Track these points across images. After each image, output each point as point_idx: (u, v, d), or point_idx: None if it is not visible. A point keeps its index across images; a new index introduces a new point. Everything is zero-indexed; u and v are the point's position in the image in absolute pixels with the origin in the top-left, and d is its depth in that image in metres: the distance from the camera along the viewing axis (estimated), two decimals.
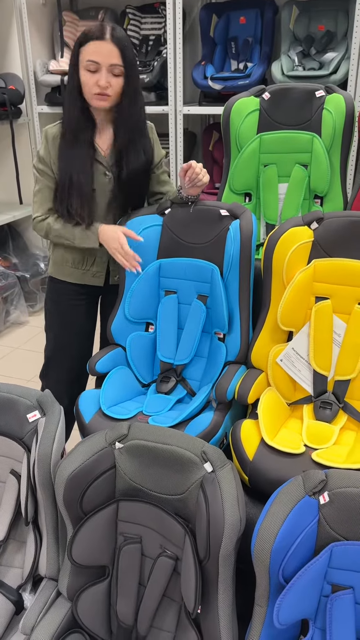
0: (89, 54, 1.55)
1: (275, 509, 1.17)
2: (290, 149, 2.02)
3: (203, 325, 1.74)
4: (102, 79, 1.55)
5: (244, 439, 1.44)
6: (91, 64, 1.55)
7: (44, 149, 1.72)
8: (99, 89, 1.57)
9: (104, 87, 1.56)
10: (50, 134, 1.71)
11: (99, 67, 1.55)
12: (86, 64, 1.55)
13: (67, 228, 1.71)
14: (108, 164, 1.71)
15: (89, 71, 1.56)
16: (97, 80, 1.55)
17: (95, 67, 1.55)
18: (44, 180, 1.73)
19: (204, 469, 1.27)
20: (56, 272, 1.85)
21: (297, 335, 1.59)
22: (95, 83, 1.56)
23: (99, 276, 1.83)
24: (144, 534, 1.38)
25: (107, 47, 1.54)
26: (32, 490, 1.46)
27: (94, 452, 1.35)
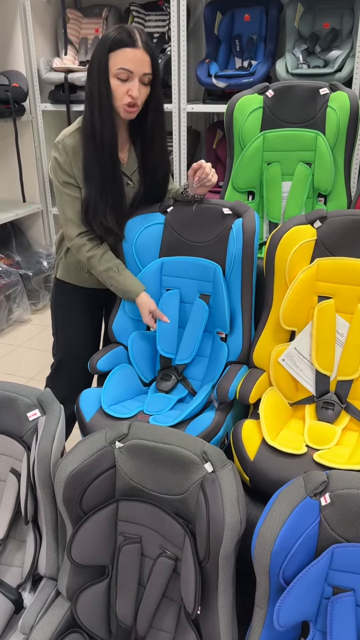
0: (122, 61, 1.46)
1: (275, 510, 1.16)
2: (294, 147, 2.01)
3: (205, 324, 1.73)
4: (135, 89, 1.48)
5: (245, 439, 1.43)
6: (123, 72, 1.47)
7: (64, 161, 1.60)
8: (131, 99, 1.50)
9: (136, 98, 1.50)
10: (69, 145, 1.60)
11: (131, 76, 1.47)
12: (117, 72, 1.47)
13: (111, 275, 1.69)
14: (129, 173, 1.69)
15: (119, 79, 1.49)
16: (129, 90, 1.48)
17: (127, 76, 1.47)
18: (72, 194, 1.64)
19: (204, 469, 1.26)
20: (68, 276, 1.83)
21: (299, 335, 1.58)
22: (126, 93, 1.49)
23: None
24: (144, 534, 1.37)
25: (141, 55, 1.46)
26: (31, 489, 1.45)
27: (93, 451, 1.34)
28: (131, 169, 1.69)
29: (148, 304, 1.72)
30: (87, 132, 1.56)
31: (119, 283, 1.70)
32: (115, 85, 1.49)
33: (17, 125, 3.34)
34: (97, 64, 1.49)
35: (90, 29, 3.61)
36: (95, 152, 1.56)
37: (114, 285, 1.71)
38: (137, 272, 1.79)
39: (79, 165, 1.60)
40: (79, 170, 1.61)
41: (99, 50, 1.49)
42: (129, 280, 1.71)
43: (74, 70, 3.36)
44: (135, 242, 1.76)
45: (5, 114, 3.31)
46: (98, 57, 1.49)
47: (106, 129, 1.53)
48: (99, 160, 1.57)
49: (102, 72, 1.49)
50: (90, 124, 1.54)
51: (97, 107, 1.52)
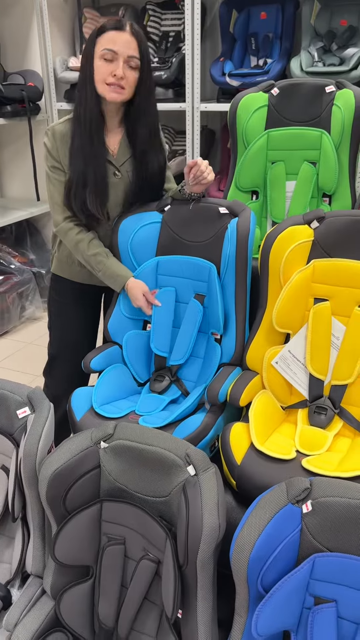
0: (106, 42, 1.48)
1: (255, 517, 1.14)
2: (298, 145, 1.97)
3: (200, 325, 1.71)
4: (119, 69, 1.48)
5: (233, 442, 1.40)
6: (108, 53, 1.48)
7: (52, 147, 1.65)
8: (114, 79, 1.49)
9: (119, 78, 1.49)
10: (59, 131, 1.64)
11: (115, 57, 1.48)
12: (102, 53, 1.48)
13: (100, 261, 1.68)
14: (117, 164, 1.68)
15: (104, 60, 1.49)
16: (112, 70, 1.49)
17: (112, 56, 1.48)
18: (59, 178, 1.67)
19: (187, 472, 1.24)
20: (61, 270, 1.84)
21: (294, 338, 1.55)
22: (111, 73, 1.49)
23: None
24: (128, 535, 1.36)
25: (126, 38, 1.48)
26: (19, 487, 1.45)
27: (78, 450, 1.33)
28: (120, 160, 1.68)
29: (140, 286, 1.68)
30: (76, 115, 1.60)
31: (107, 268, 1.68)
32: (99, 66, 1.50)
33: (32, 124, 3.36)
34: (86, 51, 1.53)
35: None
36: (81, 135, 1.58)
37: (102, 270, 1.68)
38: (133, 270, 1.78)
39: (66, 151, 1.63)
40: (65, 157, 1.63)
41: (90, 38, 1.53)
42: (118, 265, 1.69)
43: None
44: (131, 240, 1.75)
45: (21, 113, 3.33)
46: (88, 44, 1.53)
47: (89, 109, 1.54)
48: (83, 143, 1.58)
49: (89, 56, 1.51)
50: (77, 107, 1.58)
51: (84, 90, 1.55)
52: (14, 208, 3.63)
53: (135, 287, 1.69)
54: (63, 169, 1.66)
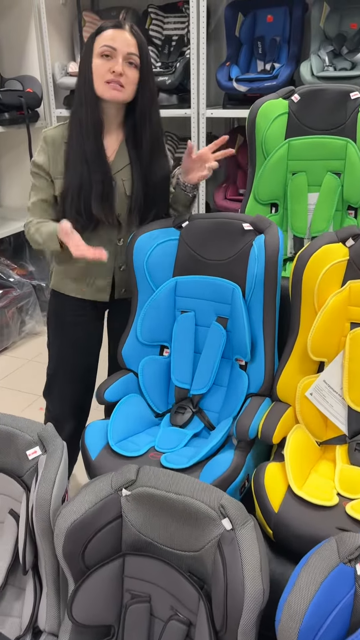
0: (105, 40, 1.44)
1: (304, 580, 1.00)
2: (321, 155, 1.85)
3: (223, 350, 1.58)
4: (118, 65, 1.43)
5: (269, 486, 1.27)
6: (107, 49, 1.43)
7: (42, 153, 1.57)
8: (113, 76, 1.43)
9: (118, 74, 1.43)
10: (50, 136, 1.56)
11: (114, 53, 1.43)
12: (101, 50, 1.44)
13: (38, 233, 1.56)
14: (113, 171, 1.57)
15: (103, 56, 1.44)
16: (112, 67, 1.43)
17: (110, 52, 1.43)
18: (40, 185, 1.59)
19: (222, 526, 1.11)
20: (58, 285, 1.72)
21: (329, 366, 1.42)
22: (109, 70, 1.43)
23: (104, 290, 1.68)
24: (154, 592, 1.23)
25: (125, 36, 1.44)
26: (31, 536, 1.32)
27: (97, 499, 1.20)
28: (116, 167, 1.57)
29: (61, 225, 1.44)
30: (76, 119, 1.52)
31: (43, 232, 1.54)
32: (98, 64, 1.45)
33: (30, 131, 3.23)
34: (84, 52, 1.48)
35: None
36: (79, 139, 1.51)
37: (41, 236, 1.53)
38: (150, 292, 1.65)
39: (56, 157, 1.55)
40: (54, 162, 1.55)
41: (88, 39, 1.48)
42: (50, 226, 1.54)
43: None
44: (147, 259, 1.62)
45: (19, 121, 3.20)
46: (86, 45, 1.48)
47: (90, 112, 1.49)
48: (82, 146, 1.51)
49: (88, 55, 1.46)
50: (77, 111, 1.51)
51: (83, 90, 1.49)
52: (12, 218, 3.50)
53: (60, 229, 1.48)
54: (45, 175, 1.58)
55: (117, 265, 1.66)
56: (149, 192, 1.59)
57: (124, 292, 1.71)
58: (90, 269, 1.65)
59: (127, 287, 1.70)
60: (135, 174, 1.57)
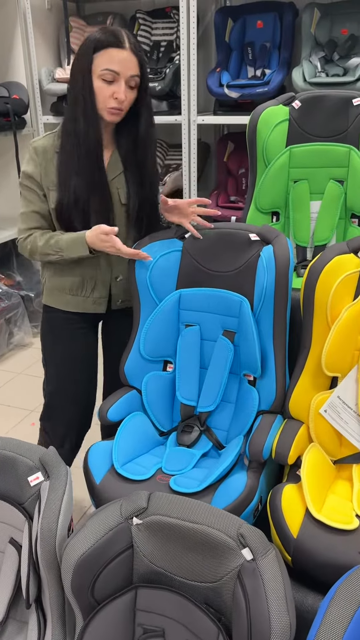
0: (107, 62, 1.39)
1: (333, 615, 0.95)
2: (323, 163, 1.81)
3: (230, 365, 1.52)
4: (121, 92, 1.40)
5: (286, 510, 1.21)
6: (108, 73, 1.39)
7: (31, 163, 1.52)
8: (116, 103, 1.41)
9: (122, 100, 1.41)
10: (41, 146, 1.51)
11: (117, 78, 1.40)
12: (102, 73, 1.39)
13: (53, 240, 1.51)
14: (108, 179, 1.54)
15: (104, 81, 1.40)
16: (114, 93, 1.40)
17: (113, 77, 1.40)
18: (31, 198, 1.54)
19: (241, 556, 1.05)
20: (52, 300, 1.65)
21: (343, 382, 1.37)
22: (112, 95, 1.41)
23: (101, 302, 1.62)
24: (168, 626, 1.16)
25: (127, 56, 1.39)
26: (34, 567, 1.24)
27: (107, 529, 1.14)
28: (110, 175, 1.53)
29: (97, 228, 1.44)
30: (70, 136, 1.47)
31: (63, 240, 1.49)
32: (99, 87, 1.41)
33: (17, 139, 3.16)
34: (80, 66, 1.42)
35: None
36: (76, 155, 1.46)
37: (59, 244, 1.49)
38: (153, 305, 1.58)
39: (48, 167, 1.50)
40: (45, 172, 1.50)
41: (83, 51, 1.41)
42: (72, 234, 1.50)
43: None
44: (150, 272, 1.55)
45: (5, 127, 3.12)
46: (82, 58, 1.42)
47: (91, 132, 1.45)
48: (81, 165, 1.46)
49: (86, 74, 1.41)
50: (74, 128, 1.46)
51: (82, 111, 1.44)
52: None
53: (93, 234, 1.45)
54: (41, 191, 1.53)
55: (113, 276, 1.61)
56: (144, 199, 1.56)
57: (120, 303, 1.65)
58: (86, 281, 1.59)
59: (123, 298, 1.65)
60: (130, 181, 1.54)
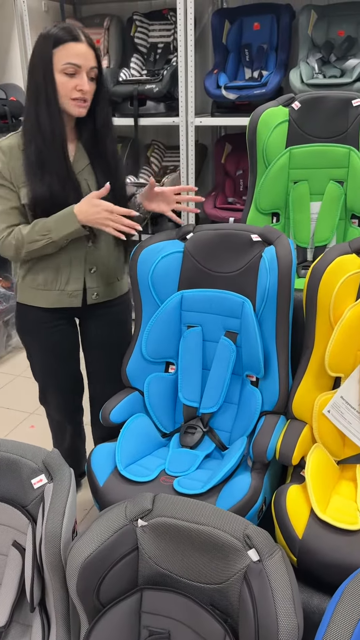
0: (68, 56, 1.42)
1: (341, 616, 0.94)
2: (323, 163, 1.81)
3: (233, 366, 1.52)
4: (84, 84, 1.44)
5: (291, 510, 1.21)
6: (70, 67, 1.42)
7: (1, 164, 1.52)
8: (80, 94, 1.45)
9: (85, 92, 1.46)
10: (6, 145, 1.52)
11: (78, 71, 1.43)
12: (64, 67, 1.42)
13: (39, 224, 1.50)
14: (76, 172, 1.56)
15: (66, 74, 1.43)
16: (77, 85, 1.44)
17: (75, 70, 1.43)
18: (8, 196, 1.54)
19: (247, 557, 1.05)
20: (27, 298, 1.65)
21: (346, 382, 1.37)
22: (74, 88, 1.45)
23: (76, 295, 1.62)
24: (174, 628, 1.15)
25: (85, 49, 1.44)
26: (38, 570, 1.23)
27: (112, 531, 1.13)
28: (77, 168, 1.55)
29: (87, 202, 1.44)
30: (32, 132, 1.48)
31: (49, 221, 1.48)
32: (62, 82, 1.44)
33: None
34: (40, 62, 1.44)
35: None
36: (41, 152, 1.48)
37: (46, 225, 1.48)
38: (155, 307, 1.58)
39: (15, 165, 1.51)
40: (14, 171, 1.51)
41: (41, 47, 1.44)
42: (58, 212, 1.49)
43: None
44: (151, 273, 1.55)
45: (3, 129, 3.12)
46: (41, 54, 1.44)
47: (55, 127, 1.47)
48: (47, 159, 1.48)
49: (47, 69, 1.43)
50: (37, 123, 1.47)
51: (44, 106, 1.46)
52: None
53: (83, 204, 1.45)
54: (14, 189, 1.53)
55: (87, 268, 1.60)
56: (115, 188, 1.56)
57: (96, 297, 1.64)
58: (60, 274, 1.59)
59: (99, 292, 1.64)
60: (98, 171, 1.57)
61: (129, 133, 3.37)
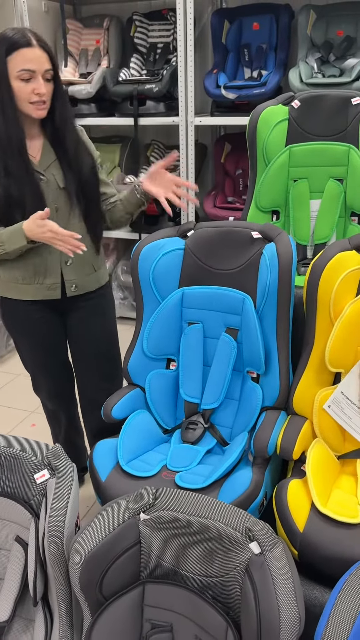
0: (22, 62, 1.45)
1: (342, 606, 0.95)
2: (323, 162, 1.82)
3: (234, 362, 1.53)
4: (41, 87, 1.47)
5: (292, 504, 1.22)
6: (25, 73, 1.46)
7: None
8: (38, 97, 1.48)
9: (42, 95, 1.48)
10: None
11: (33, 75, 1.46)
12: (19, 74, 1.46)
13: None
14: (41, 169, 1.58)
15: (22, 80, 1.47)
16: (34, 89, 1.47)
17: (30, 75, 1.46)
18: None
19: (249, 550, 1.06)
20: (8, 291, 1.67)
21: (346, 377, 1.38)
22: (32, 92, 1.47)
23: (55, 288, 1.64)
24: (176, 621, 1.16)
25: (39, 53, 1.47)
26: (41, 565, 1.24)
27: (114, 525, 1.14)
28: (44, 164, 1.58)
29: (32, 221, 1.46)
30: None
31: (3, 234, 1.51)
32: (18, 87, 1.47)
33: None
34: None
35: (91, 40, 3.45)
36: (4, 159, 1.50)
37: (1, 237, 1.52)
38: (156, 304, 1.59)
39: None
40: None
41: None
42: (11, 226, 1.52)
43: (74, 83, 3.19)
44: (153, 270, 1.56)
45: None
46: None
47: (12, 132, 1.50)
48: (6, 164, 1.50)
49: (2, 77, 1.46)
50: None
51: (1, 114, 1.48)
52: None
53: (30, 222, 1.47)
54: None
55: (63, 260, 1.62)
56: (81, 181, 1.60)
57: (74, 289, 1.66)
58: (37, 269, 1.61)
59: (77, 284, 1.66)
60: (64, 166, 1.59)
61: (129, 132, 3.39)
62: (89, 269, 1.66)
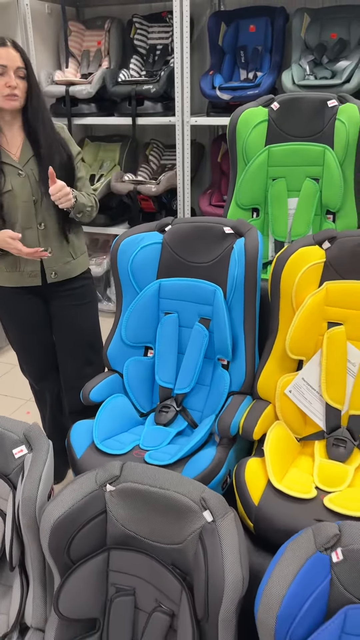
0: None
1: (281, 568, 1.04)
2: (300, 161, 1.90)
3: (205, 350, 1.62)
4: (12, 80, 1.61)
5: (249, 480, 1.30)
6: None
7: None
8: (9, 90, 1.62)
9: (14, 87, 1.62)
10: None
11: (5, 70, 1.61)
12: None
13: None
14: (20, 165, 1.70)
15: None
16: (6, 82, 1.62)
17: (2, 70, 1.61)
18: None
19: (203, 518, 1.14)
20: None
21: (307, 364, 1.46)
22: (5, 85, 1.62)
23: (35, 275, 1.76)
24: (138, 585, 1.26)
25: (11, 52, 1.62)
26: (17, 533, 1.34)
27: (82, 495, 1.23)
28: (23, 160, 1.70)
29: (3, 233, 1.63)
30: None
31: None
32: None
33: None
34: None
35: (93, 42, 3.54)
36: None
37: None
38: (134, 294, 1.69)
39: None
40: None
41: None
42: None
43: (76, 83, 3.28)
44: (131, 262, 1.66)
45: None
46: None
47: None
48: None
49: None
50: None
51: None
52: None
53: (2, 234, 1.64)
54: None
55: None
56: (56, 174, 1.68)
57: (54, 276, 1.77)
58: (17, 258, 1.73)
59: (57, 271, 1.77)
60: (42, 160, 1.69)
61: (129, 132, 3.48)
62: (67, 256, 1.78)
